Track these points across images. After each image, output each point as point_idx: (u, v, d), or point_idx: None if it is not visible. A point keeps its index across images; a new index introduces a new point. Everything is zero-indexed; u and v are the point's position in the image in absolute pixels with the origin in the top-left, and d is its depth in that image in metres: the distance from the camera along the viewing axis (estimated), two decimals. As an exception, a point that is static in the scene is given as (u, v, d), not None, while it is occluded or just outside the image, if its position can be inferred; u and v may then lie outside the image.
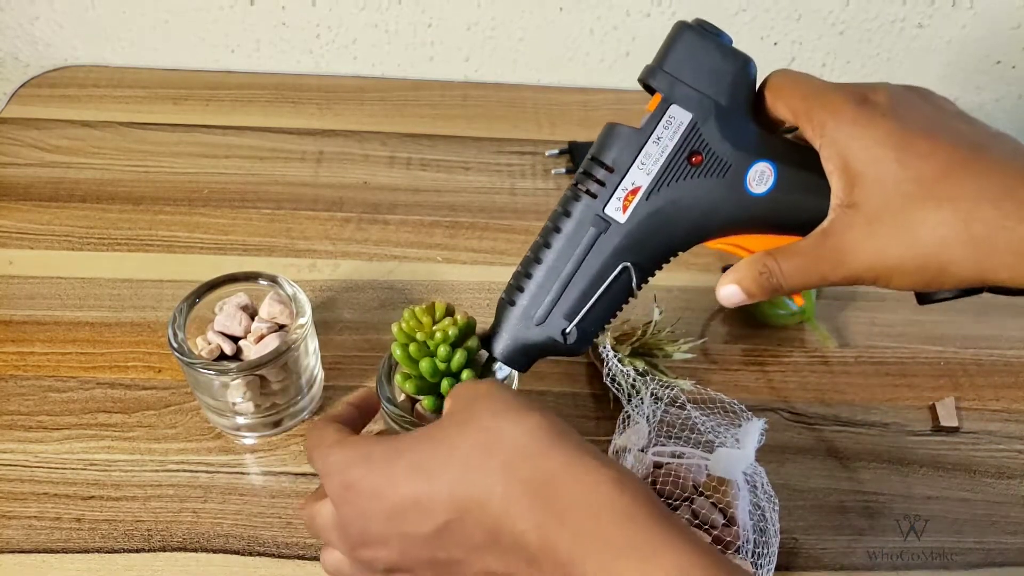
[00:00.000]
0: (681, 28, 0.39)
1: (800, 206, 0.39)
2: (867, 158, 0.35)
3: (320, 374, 0.56)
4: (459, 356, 0.42)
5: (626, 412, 0.53)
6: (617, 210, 0.41)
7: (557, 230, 0.42)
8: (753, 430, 0.48)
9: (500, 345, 0.43)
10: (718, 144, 0.39)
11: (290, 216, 0.69)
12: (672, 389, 0.54)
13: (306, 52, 0.83)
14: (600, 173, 0.41)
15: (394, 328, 0.43)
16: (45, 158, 0.73)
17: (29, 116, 0.77)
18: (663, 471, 0.51)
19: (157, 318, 0.61)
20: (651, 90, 0.41)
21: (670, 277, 0.66)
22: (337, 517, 0.36)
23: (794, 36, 0.82)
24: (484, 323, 0.61)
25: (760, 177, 0.40)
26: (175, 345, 0.50)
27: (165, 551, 0.49)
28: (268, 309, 0.53)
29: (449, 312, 0.44)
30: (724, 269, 0.63)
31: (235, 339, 0.53)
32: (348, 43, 0.83)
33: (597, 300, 0.42)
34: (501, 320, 0.43)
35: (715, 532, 0.48)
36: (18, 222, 0.67)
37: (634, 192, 0.40)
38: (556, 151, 0.77)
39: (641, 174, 0.40)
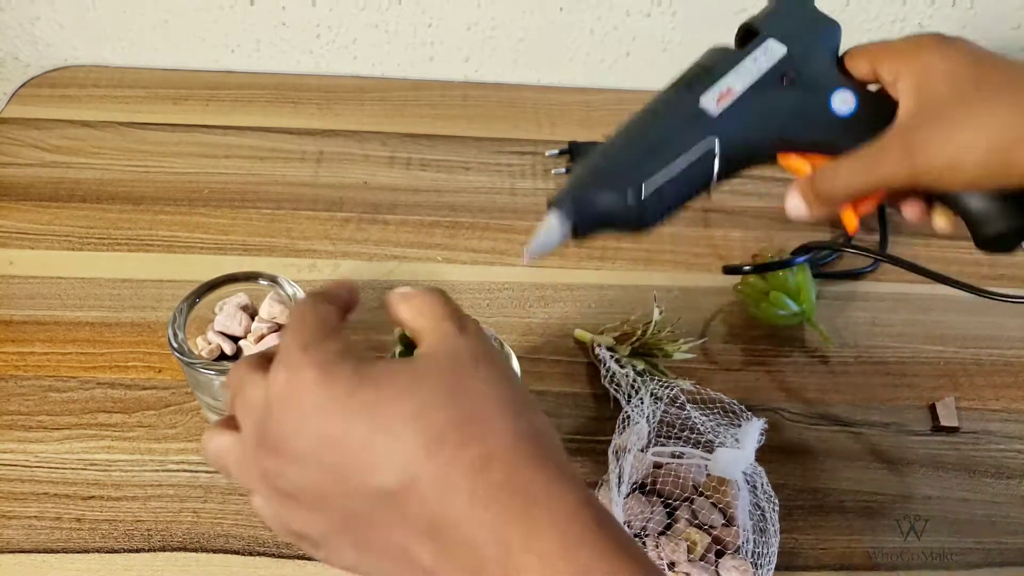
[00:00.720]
0: None
1: (879, 133, 0.42)
2: (942, 67, 0.38)
3: (320, 374, 0.56)
4: None
5: (626, 412, 0.53)
6: (711, 102, 0.43)
7: (651, 111, 0.44)
8: (753, 430, 0.48)
9: (568, 195, 0.42)
10: (807, 71, 0.44)
11: (290, 216, 0.69)
12: (672, 389, 0.54)
13: (306, 52, 0.83)
14: (699, 72, 0.44)
15: (396, 332, 0.43)
16: (45, 158, 0.73)
17: (29, 116, 0.77)
18: (663, 471, 0.51)
19: (157, 318, 0.61)
20: (747, 40, 0.45)
21: (670, 277, 0.67)
22: (265, 401, 0.31)
23: (794, 36, 0.82)
24: (485, 323, 0.61)
25: (843, 102, 0.44)
26: (175, 345, 0.50)
27: (165, 551, 0.49)
28: (268, 309, 0.53)
29: None
30: (725, 269, 0.64)
31: (235, 339, 0.53)
32: (348, 43, 0.83)
33: (677, 174, 0.43)
34: (575, 174, 0.43)
35: (715, 532, 0.48)
36: (18, 222, 0.67)
37: (728, 93, 0.44)
38: (556, 151, 0.77)
39: (736, 80, 0.44)
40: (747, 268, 0.62)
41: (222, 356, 0.53)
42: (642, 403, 0.53)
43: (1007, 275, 0.69)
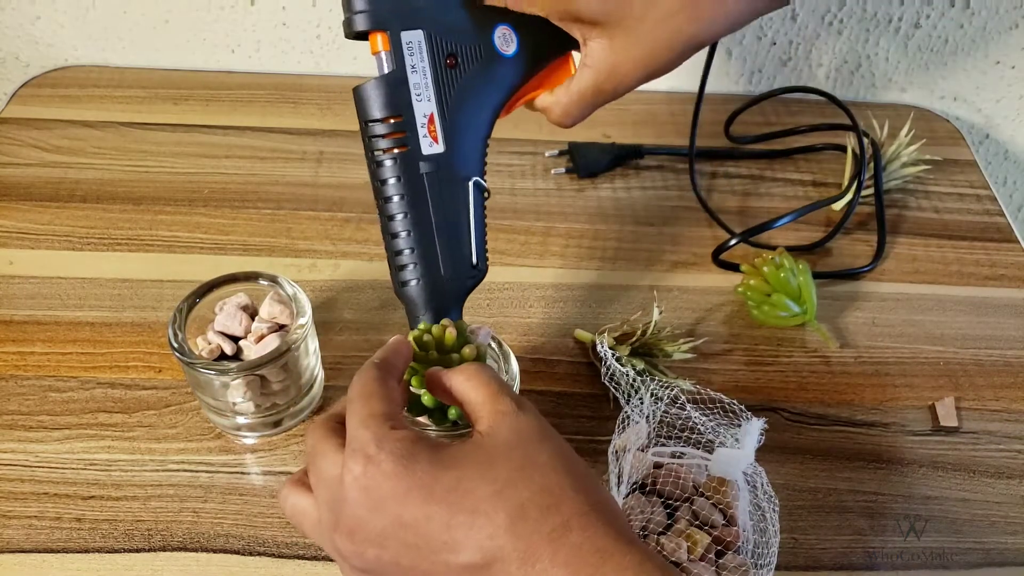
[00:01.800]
0: None
1: (553, 49, 0.46)
2: None
3: (320, 374, 0.56)
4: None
5: (626, 412, 0.53)
6: (431, 144, 0.43)
7: (398, 197, 0.43)
8: (753, 430, 0.48)
9: (429, 316, 0.44)
10: (457, 36, 0.43)
11: (290, 216, 0.69)
12: (672, 389, 0.54)
13: (306, 52, 0.83)
14: (392, 127, 0.42)
15: (410, 336, 0.43)
16: (45, 158, 0.73)
17: (29, 116, 0.77)
18: (663, 471, 0.51)
19: (157, 318, 0.61)
20: (364, 36, 0.42)
21: (671, 277, 0.67)
22: (340, 488, 0.33)
23: (792, 36, 0.82)
24: (485, 323, 0.61)
25: (505, 40, 0.45)
26: (175, 345, 0.50)
27: (165, 551, 0.49)
28: (268, 309, 0.54)
29: (462, 336, 0.42)
30: (715, 254, 0.64)
31: (235, 339, 0.53)
32: (348, 43, 0.82)
33: (478, 224, 0.45)
34: (415, 302, 0.44)
35: (715, 532, 0.48)
36: (18, 222, 0.67)
37: (431, 120, 0.43)
38: (556, 151, 0.77)
39: (424, 103, 0.42)
40: (734, 241, 0.65)
41: (222, 356, 0.53)
42: (642, 403, 0.53)
43: (1007, 275, 0.69)
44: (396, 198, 0.43)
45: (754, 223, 0.67)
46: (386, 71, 0.42)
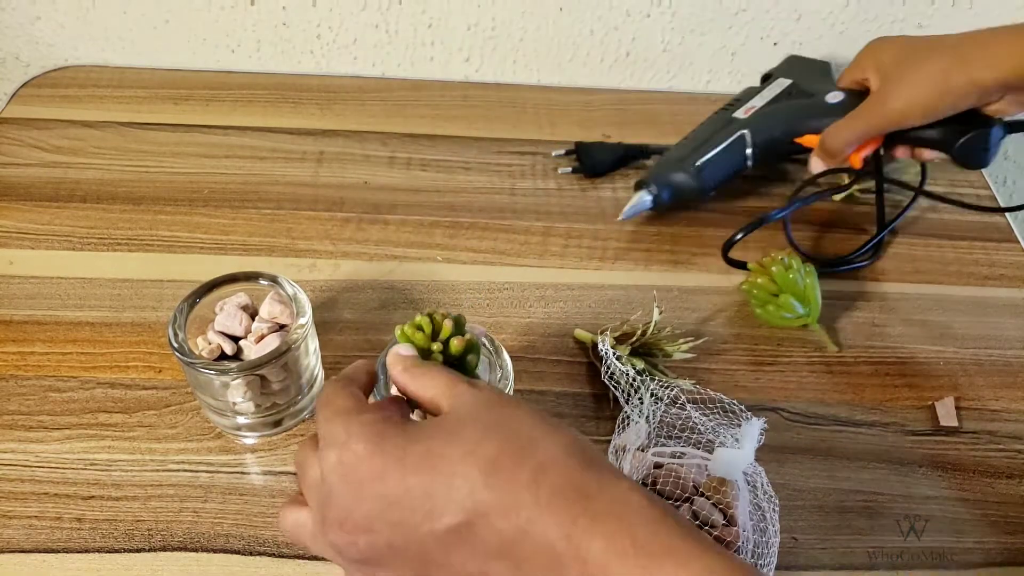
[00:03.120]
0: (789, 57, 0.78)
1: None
2: (889, 53, 0.62)
3: (320, 374, 0.56)
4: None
5: (625, 412, 0.53)
6: (741, 114, 0.70)
7: (701, 125, 0.71)
8: (753, 430, 0.48)
9: (650, 176, 0.69)
10: (808, 89, 0.71)
11: (290, 216, 0.69)
12: (672, 389, 0.54)
13: (307, 52, 0.83)
14: (732, 101, 0.72)
15: (396, 332, 0.43)
16: (46, 158, 0.73)
17: (30, 116, 0.77)
18: (663, 471, 0.51)
19: (157, 318, 0.61)
20: (765, 81, 0.74)
21: (670, 277, 0.67)
22: (322, 487, 0.34)
23: (794, 36, 0.82)
24: (484, 322, 0.61)
25: (834, 97, 0.66)
26: (175, 345, 0.50)
27: (165, 551, 0.49)
28: (268, 309, 0.54)
29: (458, 326, 0.43)
30: (725, 246, 0.64)
31: (235, 339, 0.53)
32: (348, 43, 0.83)
33: (720, 154, 0.68)
34: (653, 166, 0.70)
35: (715, 532, 0.49)
36: (18, 222, 0.67)
37: (752, 108, 0.70)
38: (563, 151, 0.77)
39: (758, 100, 0.71)
40: (739, 235, 0.65)
41: (222, 356, 0.53)
42: (642, 403, 0.53)
43: (1007, 275, 0.69)
44: (703, 124, 0.72)
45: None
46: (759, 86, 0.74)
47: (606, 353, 0.55)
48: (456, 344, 0.41)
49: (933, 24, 0.81)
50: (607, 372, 0.55)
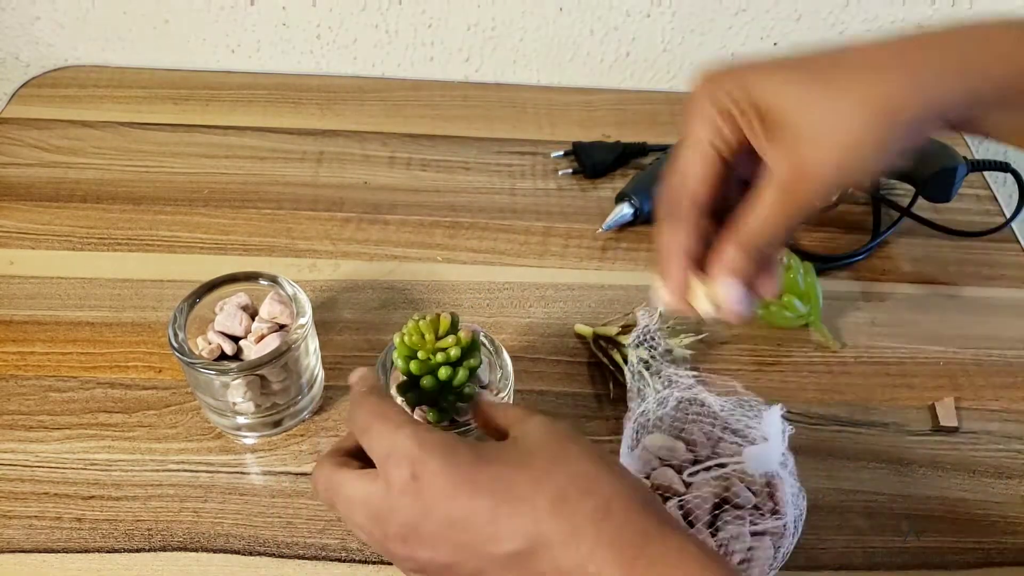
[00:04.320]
0: None
1: None
2: (773, 90, 0.35)
3: (320, 374, 0.56)
4: (461, 375, 0.42)
5: (634, 387, 0.53)
6: None
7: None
8: (774, 419, 0.48)
9: (631, 189, 0.68)
10: None
11: (290, 216, 0.69)
12: (680, 375, 0.54)
13: (306, 52, 0.83)
14: None
15: (395, 339, 0.43)
16: (45, 158, 0.73)
17: (30, 116, 0.77)
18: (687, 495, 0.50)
19: (157, 318, 0.61)
20: None
21: (670, 277, 0.67)
22: (384, 501, 0.34)
23: (794, 37, 0.82)
24: (484, 323, 0.61)
25: None
26: (175, 345, 0.50)
27: (165, 551, 0.49)
28: (268, 309, 0.54)
29: (454, 325, 0.43)
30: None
31: (235, 339, 0.53)
32: (348, 43, 0.83)
33: None
34: (635, 178, 0.70)
35: (761, 526, 0.48)
36: (18, 222, 0.67)
37: None
38: (562, 152, 0.77)
39: None
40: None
41: (222, 356, 0.53)
42: (644, 380, 0.54)
43: (1007, 275, 0.69)
44: None
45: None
46: None
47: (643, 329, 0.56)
48: (463, 337, 0.42)
49: (933, 25, 0.81)
50: (610, 360, 0.55)
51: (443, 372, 0.41)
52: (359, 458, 0.38)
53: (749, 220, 0.36)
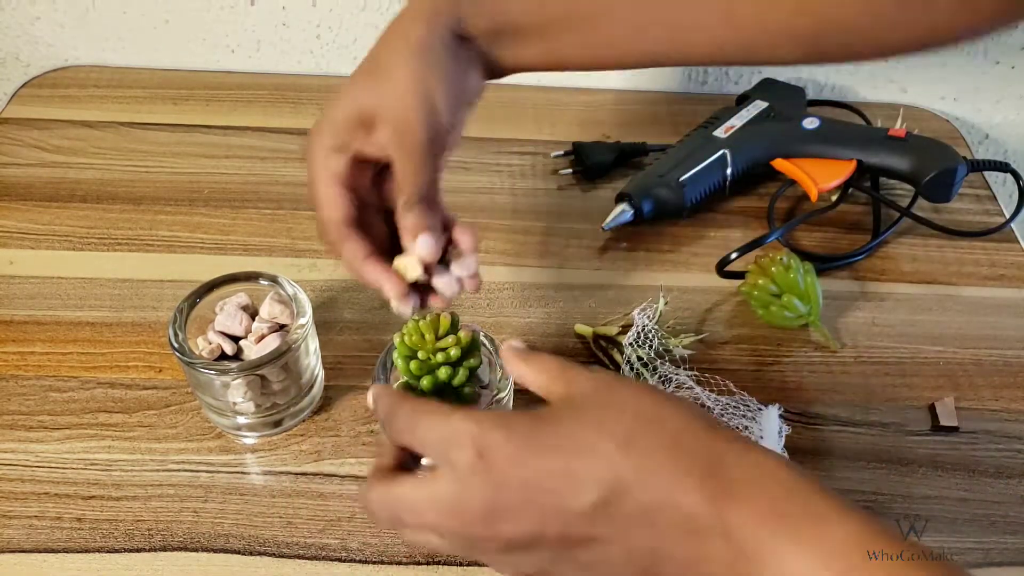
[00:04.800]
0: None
1: (839, 139, 0.70)
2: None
3: (321, 374, 0.56)
4: (461, 375, 0.42)
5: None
6: (721, 133, 0.71)
7: (681, 142, 0.72)
8: (771, 418, 0.48)
9: (631, 189, 0.68)
10: (785, 112, 0.73)
11: (290, 216, 0.69)
12: (678, 374, 0.54)
13: (307, 52, 0.83)
14: (711, 118, 0.73)
15: (395, 339, 0.43)
16: (45, 158, 0.73)
17: (29, 116, 0.77)
18: None
19: (158, 318, 0.61)
20: (742, 102, 0.76)
21: (670, 277, 0.67)
22: (455, 489, 0.33)
23: (794, 36, 0.82)
24: (484, 323, 0.61)
25: (811, 123, 0.71)
26: (176, 345, 0.50)
27: (166, 551, 0.49)
28: (269, 309, 0.54)
29: (454, 325, 0.43)
30: (720, 264, 0.64)
31: (236, 339, 0.53)
32: (349, 43, 0.83)
33: (701, 173, 0.69)
34: (635, 178, 0.70)
35: None
36: (18, 222, 0.67)
37: (731, 127, 0.72)
38: (562, 152, 0.77)
39: (736, 120, 0.72)
40: (734, 255, 0.64)
41: (222, 356, 0.53)
42: (643, 380, 0.54)
43: (1007, 275, 0.69)
44: (682, 142, 0.73)
45: (756, 223, 0.67)
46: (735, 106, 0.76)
47: (639, 326, 0.55)
48: (463, 337, 0.42)
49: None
50: (605, 349, 0.55)
51: (443, 372, 0.42)
52: (405, 470, 0.37)
53: (400, 186, 0.44)
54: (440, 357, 0.42)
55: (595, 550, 0.33)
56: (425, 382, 0.42)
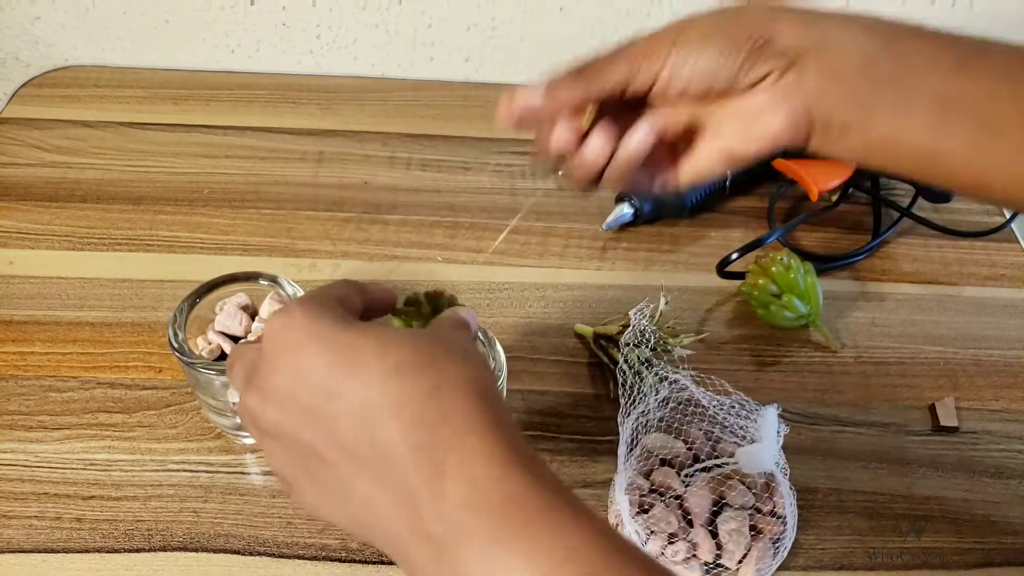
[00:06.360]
0: None
1: None
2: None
3: (320, 374, 0.56)
4: None
5: (631, 384, 0.53)
6: None
7: None
8: (770, 419, 0.48)
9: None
10: None
11: (290, 216, 0.69)
12: (677, 372, 0.54)
13: (306, 52, 0.83)
14: None
15: (395, 323, 0.44)
16: (45, 158, 0.73)
17: (30, 116, 0.77)
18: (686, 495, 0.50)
19: (157, 318, 0.61)
20: None
21: (670, 277, 0.67)
22: (260, 351, 0.34)
23: (794, 36, 0.82)
24: (484, 323, 0.61)
25: None
26: (175, 345, 0.50)
27: (165, 551, 0.49)
28: (268, 309, 0.54)
29: (454, 301, 0.44)
30: (720, 265, 0.64)
31: (235, 339, 0.53)
32: (348, 43, 0.83)
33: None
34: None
35: (762, 526, 0.49)
36: (18, 222, 0.67)
37: None
38: None
39: None
40: (734, 256, 0.64)
41: (222, 356, 0.53)
42: (641, 379, 0.54)
43: (1007, 275, 0.69)
44: None
45: (756, 223, 0.67)
46: None
47: (635, 326, 0.56)
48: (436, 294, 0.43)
49: (933, 25, 0.81)
50: (608, 357, 0.55)
51: None
52: None
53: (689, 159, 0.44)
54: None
55: (325, 469, 0.32)
56: None
